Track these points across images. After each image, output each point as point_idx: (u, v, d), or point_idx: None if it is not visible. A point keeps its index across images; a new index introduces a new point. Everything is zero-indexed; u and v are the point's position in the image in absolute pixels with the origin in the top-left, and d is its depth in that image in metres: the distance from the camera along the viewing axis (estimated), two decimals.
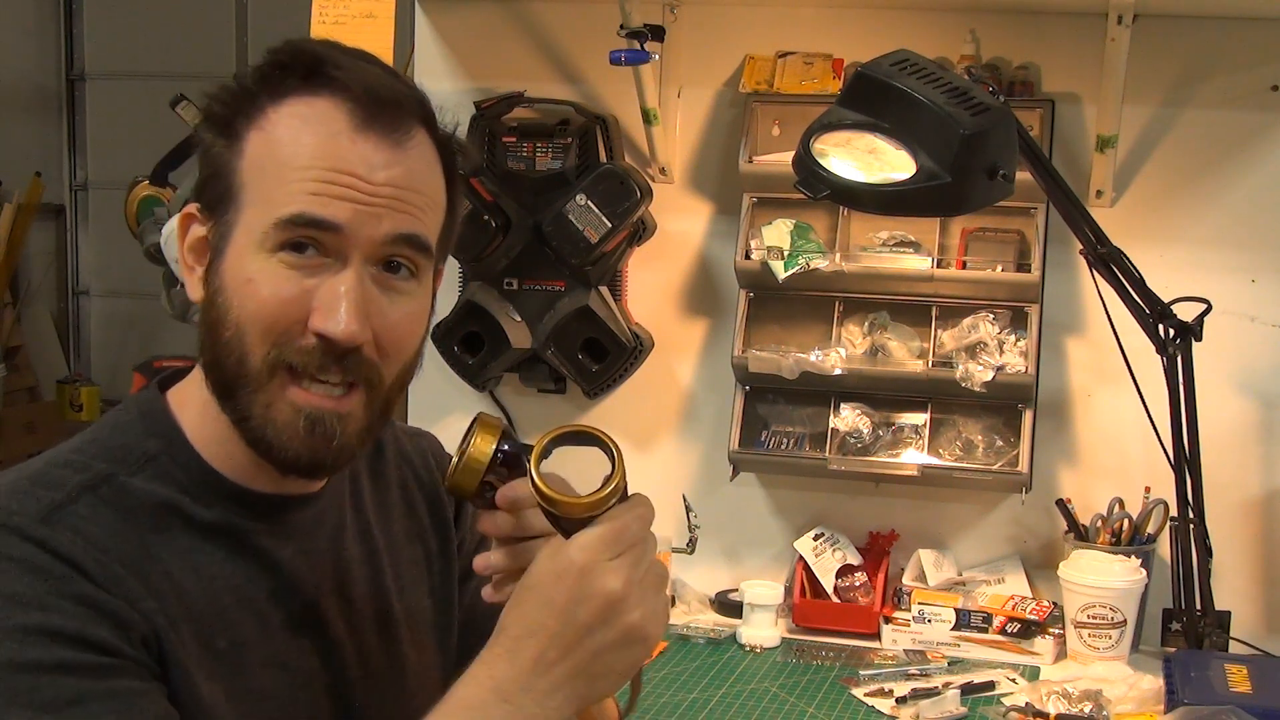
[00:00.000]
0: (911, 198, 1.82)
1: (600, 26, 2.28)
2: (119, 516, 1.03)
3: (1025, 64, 2.29)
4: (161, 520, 1.06)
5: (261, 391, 1.04)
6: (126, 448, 1.08)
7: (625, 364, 2.46)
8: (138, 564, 1.02)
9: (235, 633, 1.07)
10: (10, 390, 4.57)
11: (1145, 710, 1.94)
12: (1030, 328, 2.25)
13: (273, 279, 1.03)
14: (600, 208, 2.33)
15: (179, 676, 1.02)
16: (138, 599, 1.00)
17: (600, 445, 1.02)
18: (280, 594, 1.11)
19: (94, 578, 0.99)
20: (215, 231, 1.07)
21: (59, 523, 1.00)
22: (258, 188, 1.05)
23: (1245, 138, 2.25)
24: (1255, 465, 2.27)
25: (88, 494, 1.03)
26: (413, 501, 1.28)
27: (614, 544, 1.00)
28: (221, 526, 1.08)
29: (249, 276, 1.04)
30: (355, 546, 1.19)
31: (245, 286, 1.04)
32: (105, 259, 5.05)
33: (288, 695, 1.10)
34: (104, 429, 1.11)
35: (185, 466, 1.09)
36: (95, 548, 1.00)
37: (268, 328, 1.04)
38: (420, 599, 1.25)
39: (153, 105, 3.22)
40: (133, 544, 1.03)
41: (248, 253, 1.04)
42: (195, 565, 1.06)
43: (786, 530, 2.44)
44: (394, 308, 1.07)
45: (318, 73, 1.06)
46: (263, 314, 1.04)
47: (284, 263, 1.03)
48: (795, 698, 2.01)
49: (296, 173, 1.04)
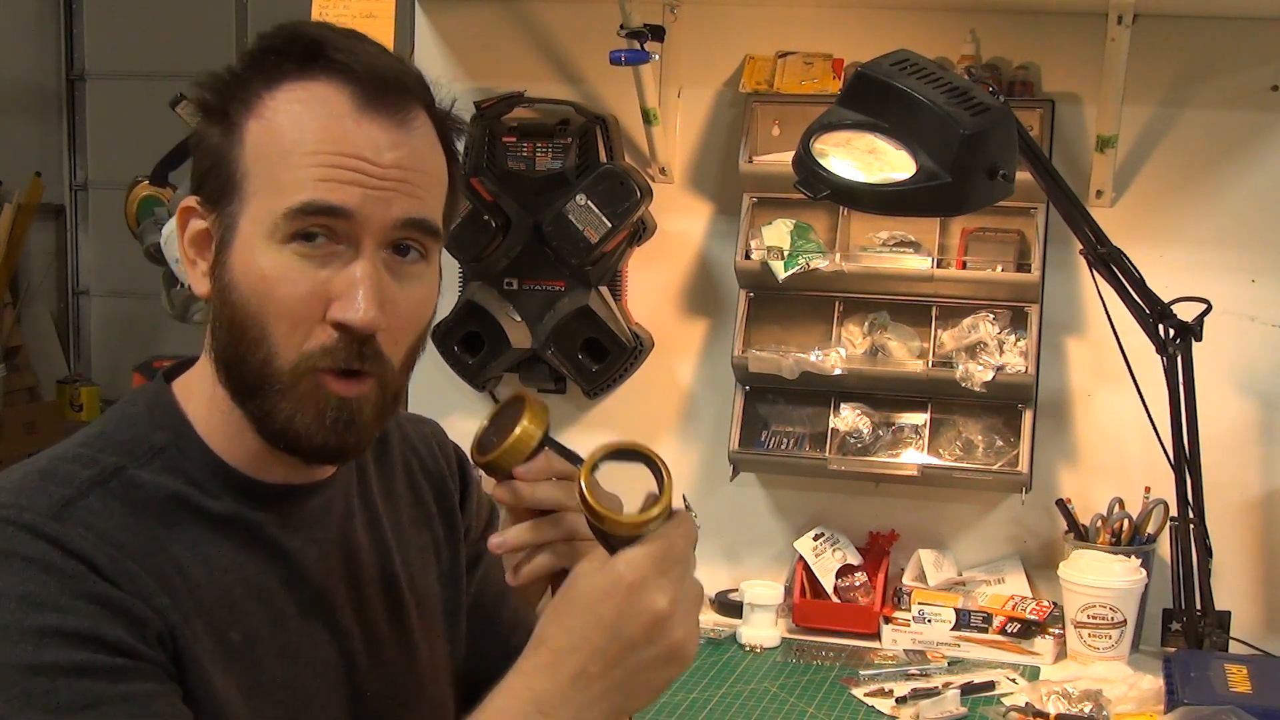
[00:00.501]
0: (911, 198, 1.82)
1: (600, 26, 2.28)
2: (129, 510, 1.03)
3: (1025, 64, 2.29)
4: (171, 513, 1.05)
5: (291, 389, 1.04)
6: (135, 440, 1.08)
7: (625, 364, 2.46)
8: (150, 558, 1.02)
9: (248, 625, 1.07)
10: (10, 390, 4.57)
11: (1145, 710, 1.94)
12: (1030, 328, 2.25)
13: (287, 273, 1.03)
14: (600, 208, 2.33)
15: (194, 672, 1.01)
16: (151, 595, 1.00)
17: (649, 464, 1.02)
18: (291, 584, 1.10)
19: (107, 574, 0.98)
20: (219, 223, 1.05)
21: (70, 518, 1.00)
22: (262, 176, 1.04)
23: (1245, 138, 2.25)
24: (1255, 465, 2.27)
25: (98, 488, 1.03)
26: (419, 488, 1.27)
27: (661, 562, 0.99)
28: (231, 517, 1.08)
29: (263, 272, 1.03)
30: (363, 534, 1.19)
31: (260, 283, 1.03)
32: (105, 259, 5.05)
33: (301, 686, 1.10)
34: (111, 422, 1.11)
35: (194, 458, 1.08)
36: (107, 543, 1.00)
37: (290, 326, 1.03)
38: (430, 585, 1.25)
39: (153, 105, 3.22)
40: (144, 538, 1.02)
41: (257, 245, 1.03)
42: (206, 557, 1.06)
43: (786, 530, 2.44)
44: (405, 293, 1.07)
45: (315, 55, 1.05)
46: (282, 312, 1.03)
47: (296, 254, 1.03)
48: (795, 698, 2.02)
49: (302, 159, 1.03)
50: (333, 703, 1.12)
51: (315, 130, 1.03)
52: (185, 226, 1.09)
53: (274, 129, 1.04)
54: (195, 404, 1.10)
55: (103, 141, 5.02)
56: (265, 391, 1.05)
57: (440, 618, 1.26)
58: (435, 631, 1.24)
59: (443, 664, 1.25)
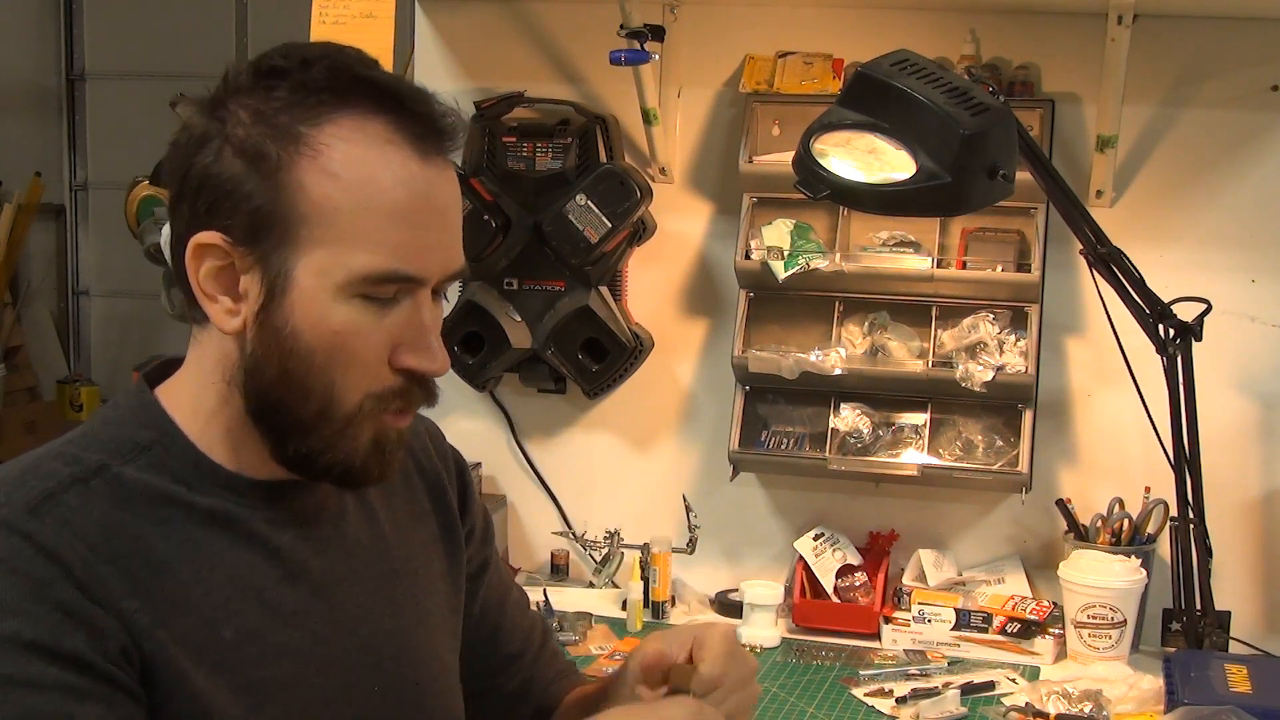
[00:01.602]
0: (911, 198, 1.82)
1: (600, 26, 2.28)
2: (112, 507, 1.02)
3: (1025, 64, 2.29)
4: (157, 510, 1.05)
5: (348, 429, 1.06)
6: (119, 439, 1.07)
7: (625, 364, 2.46)
8: (127, 559, 1.01)
9: (241, 622, 1.06)
10: (10, 390, 4.57)
11: (1145, 710, 1.94)
12: (1030, 328, 2.25)
13: (359, 328, 1.04)
14: (600, 208, 2.33)
15: (169, 678, 1.01)
16: (121, 598, 0.99)
17: None
18: (287, 581, 1.10)
19: (77, 578, 0.98)
20: (262, 267, 1.03)
21: (48, 514, 0.99)
22: (330, 228, 1.02)
23: (1245, 138, 2.25)
24: (1255, 465, 2.27)
25: (79, 485, 1.02)
26: (413, 485, 1.27)
27: None
28: (219, 514, 1.07)
29: (334, 328, 1.03)
30: (360, 530, 1.18)
31: (333, 338, 1.03)
32: (105, 259, 5.04)
33: (301, 684, 1.09)
34: (95, 423, 1.10)
35: (179, 455, 1.08)
36: (83, 543, 0.99)
37: (359, 374, 1.05)
38: (433, 581, 1.25)
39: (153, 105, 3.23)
40: (125, 535, 1.02)
41: (324, 299, 1.03)
42: (194, 555, 1.05)
43: (786, 530, 2.44)
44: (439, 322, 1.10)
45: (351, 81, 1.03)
46: (353, 362, 1.04)
47: (365, 306, 1.04)
48: (795, 698, 2.02)
49: (379, 218, 1.02)
50: (334, 700, 1.12)
51: (387, 181, 1.02)
52: (200, 262, 1.05)
53: (336, 175, 1.02)
54: (181, 413, 1.10)
55: (103, 141, 5.02)
56: (316, 432, 1.06)
57: (445, 613, 1.26)
58: (440, 627, 1.24)
59: (449, 660, 1.25)
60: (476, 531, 1.33)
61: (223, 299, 1.05)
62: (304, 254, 1.03)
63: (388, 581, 1.19)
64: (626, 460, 2.52)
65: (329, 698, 1.11)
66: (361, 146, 1.02)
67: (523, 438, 2.57)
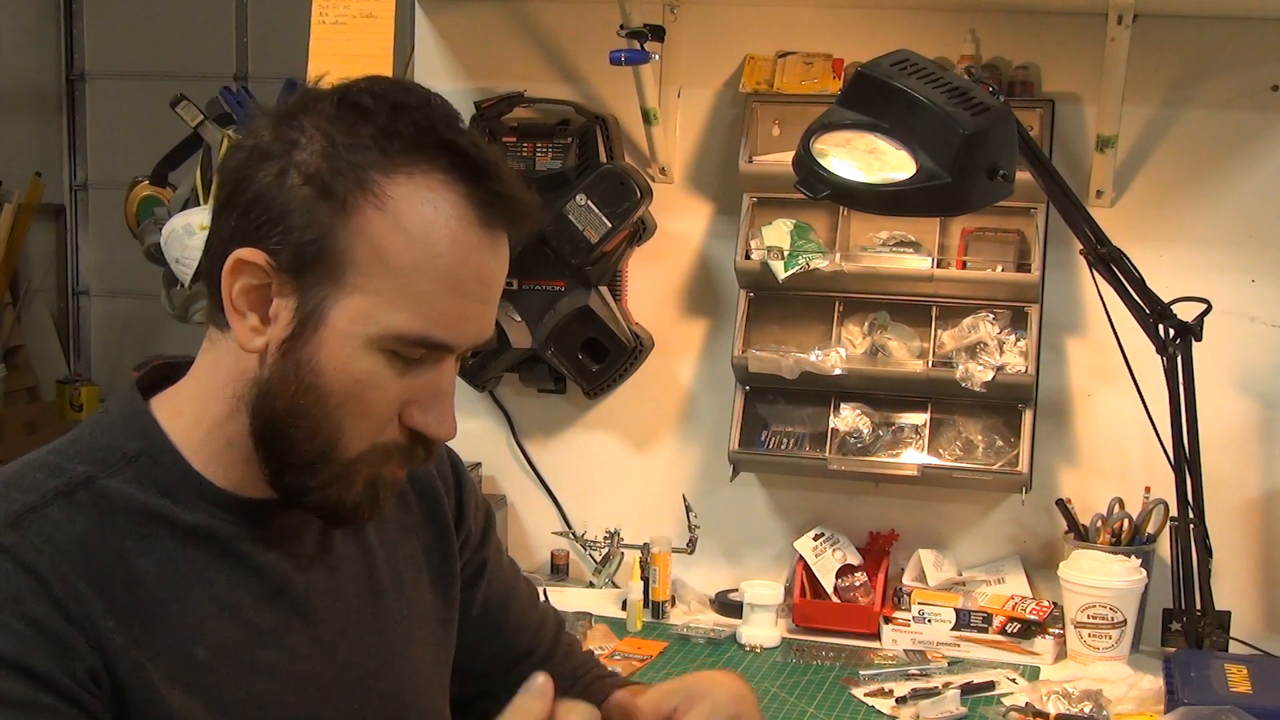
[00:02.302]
0: (911, 198, 1.82)
1: (600, 26, 2.28)
2: (94, 523, 1.01)
3: (1025, 64, 2.29)
4: (140, 525, 1.04)
5: (348, 472, 1.06)
6: (106, 449, 1.06)
7: (625, 364, 2.46)
8: (107, 576, 1.00)
9: (216, 641, 1.05)
10: (10, 390, 4.57)
11: (1145, 710, 1.94)
12: (1030, 328, 2.25)
13: (380, 381, 1.04)
14: (600, 208, 2.33)
15: (143, 698, 1.00)
16: (98, 617, 0.98)
17: None
18: (266, 599, 1.09)
19: (55, 595, 0.97)
20: (301, 297, 1.02)
21: (30, 527, 0.99)
22: (376, 279, 1.01)
23: (1245, 138, 2.25)
24: (1255, 465, 2.27)
25: (63, 498, 1.02)
26: (404, 496, 1.26)
27: None
28: (203, 530, 1.06)
29: (356, 376, 1.03)
30: (347, 545, 1.17)
31: (352, 385, 1.03)
32: (105, 259, 5.04)
33: (279, 702, 1.08)
34: (84, 430, 1.09)
35: (166, 468, 1.07)
36: (64, 558, 0.98)
37: (369, 424, 1.05)
38: (421, 594, 1.24)
39: (153, 105, 3.22)
40: (106, 554, 1.01)
41: (353, 346, 1.03)
42: (173, 573, 1.04)
43: (786, 530, 2.44)
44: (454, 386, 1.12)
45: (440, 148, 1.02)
46: (365, 412, 1.05)
47: (389, 362, 1.04)
48: (795, 698, 2.01)
49: (428, 283, 1.02)
50: (319, 717, 1.11)
51: (445, 248, 1.02)
52: (236, 277, 1.03)
53: (398, 230, 1.01)
54: (177, 424, 1.09)
55: (103, 141, 5.01)
56: (315, 469, 1.06)
57: (432, 626, 1.24)
58: (426, 640, 1.23)
59: (434, 673, 1.24)
60: (474, 535, 1.31)
61: (251, 316, 1.04)
62: (345, 296, 1.02)
63: (372, 597, 1.18)
64: (626, 460, 2.52)
65: (308, 715, 1.10)
66: (430, 207, 1.02)
67: (523, 438, 2.57)
